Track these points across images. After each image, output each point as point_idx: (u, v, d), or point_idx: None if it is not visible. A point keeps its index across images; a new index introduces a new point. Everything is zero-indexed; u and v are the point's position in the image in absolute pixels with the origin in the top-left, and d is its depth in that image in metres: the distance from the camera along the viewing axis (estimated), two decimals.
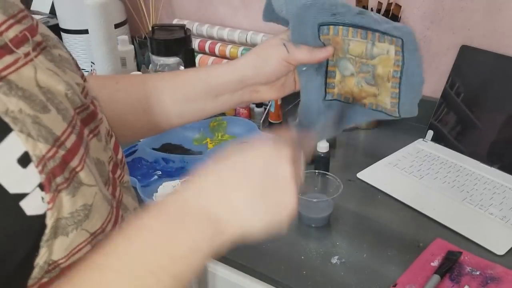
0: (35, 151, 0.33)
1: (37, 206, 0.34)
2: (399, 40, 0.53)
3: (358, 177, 1.01)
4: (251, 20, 1.39)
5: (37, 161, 0.33)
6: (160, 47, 1.17)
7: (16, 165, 0.32)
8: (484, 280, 0.75)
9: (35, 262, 0.35)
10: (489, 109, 1.04)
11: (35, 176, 0.33)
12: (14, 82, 0.34)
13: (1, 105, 0.32)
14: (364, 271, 0.78)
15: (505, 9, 1.04)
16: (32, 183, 0.33)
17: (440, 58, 1.16)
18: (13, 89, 0.33)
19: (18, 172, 0.32)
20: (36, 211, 0.34)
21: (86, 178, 0.38)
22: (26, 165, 0.33)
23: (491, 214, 0.89)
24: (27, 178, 0.33)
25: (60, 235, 0.36)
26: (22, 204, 0.33)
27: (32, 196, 0.33)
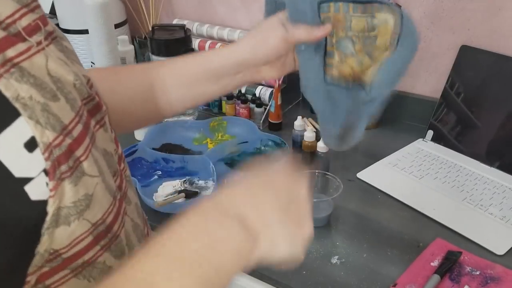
0: (42, 138, 0.34)
1: (41, 191, 0.34)
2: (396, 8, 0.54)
3: (358, 177, 1.01)
4: (251, 20, 1.39)
5: (44, 148, 0.34)
6: (160, 47, 1.17)
7: (22, 150, 0.32)
8: (484, 280, 0.75)
9: (36, 250, 0.35)
10: (489, 109, 1.04)
11: (41, 161, 0.33)
12: (26, 69, 0.34)
13: (13, 90, 0.33)
14: (364, 271, 0.78)
15: (505, 9, 1.04)
16: (38, 168, 0.33)
17: (440, 58, 1.16)
18: (25, 76, 0.34)
19: (24, 157, 0.32)
20: (40, 196, 0.34)
21: (89, 168, 0.38)
22: (32, 150, 0.33)
23: (491, 214, 0.89)
24: (33, 163, 0.33)
25: (62, 224, 0.36)
26: (27, 189, 0.33)
27: (37, 181, 0.33)
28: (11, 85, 0.33)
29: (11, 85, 0.33)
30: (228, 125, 1.19)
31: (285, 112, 1.27)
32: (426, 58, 1.18)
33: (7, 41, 0.34)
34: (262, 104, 1.22)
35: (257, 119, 1.22)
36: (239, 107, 1.23)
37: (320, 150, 1.00)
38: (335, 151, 1.11)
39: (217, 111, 1.29)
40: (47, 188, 0.34)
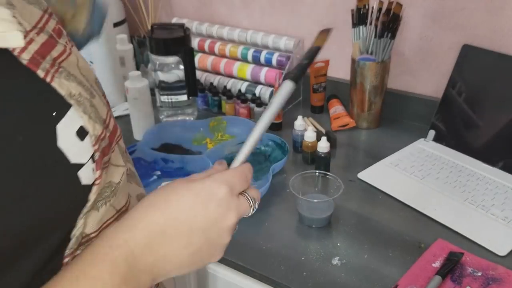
0: (94, 131, 0.37)
1: (89, 176, 0.37)
2: None
3: (359, 177, 1.01)
4: (251, 19, 1.39)
5: (95, 141, 0.37)
6: (159, 46, 1.16)
7: (75, 138, 0.36)
8: (485, 281, 0.74)
9: (72, 234, 0.38)
10: (491, 109, 1.03)
11: (89, 149, 0.37)
12: (67, 69, 0.37)
13: (65, 88, 0.36)
14: (365, 272, 0.77)
15: (507, 8, 1.03)
16: (87, 154, 0.36)
17: (441, 57, 1.15)
18: (70, 75, 0.37)
19: (77, 144, 0.36)
20: (87, 181, 0.37)
21: (115, 158, 0.42)
22: (83, 138, 0.36)
23: (493, 214, 0.88)
24: (84, 150, 0.36)
25: (92, 209, 0.39)
26: (80, 174, 0.36)
27: (86, 167, 0.36)
28: (63, 84, 0.36)
29: (63, 84, 0.36)
30: (228, 125, 1.18)
31: (285, 112, 1.27)
32: (427, 57, 1.17)
33: (50, 43, 0.37)
34: (262, 103, 1.21)
35: (257, 119, 1.21)
36: (239, 107, 1.22)
37: (321, 150, 0.99)
38: (336, 151, 1.11)
39: (216, 110, 1.29)
40: (93, 174, 0.37)
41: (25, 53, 0.34)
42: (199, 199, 0.41)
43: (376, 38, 1.11)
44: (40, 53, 0.35)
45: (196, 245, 0.41)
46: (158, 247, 0.40)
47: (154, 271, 0.40)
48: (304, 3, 1.28)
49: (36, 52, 0.35)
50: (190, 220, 0.41)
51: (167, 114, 1.24)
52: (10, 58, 0.33)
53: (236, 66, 1.30)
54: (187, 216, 0.41)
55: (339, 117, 1.21)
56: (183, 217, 0.41)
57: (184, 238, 0.41)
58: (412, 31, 1.16)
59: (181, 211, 0.41)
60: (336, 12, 1.24)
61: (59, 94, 0.35)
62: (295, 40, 1.27)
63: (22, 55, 0.34)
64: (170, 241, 0.40)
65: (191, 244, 0.41)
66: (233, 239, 0.45)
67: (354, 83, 1.17)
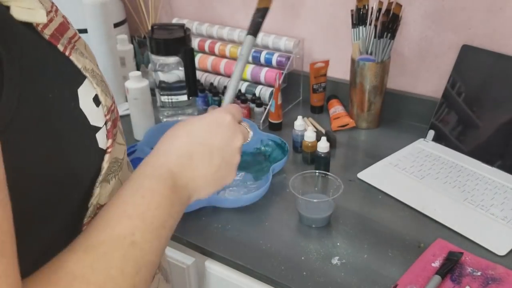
0: (106, 102, 0.42)
1: (103, 141, 0.41)
2: None
3: (358, 177, 1.01)
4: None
5: (107, 111, 0.42)
6: (159, 47, 1.16)
7: (92, 103, 0.40)
8: (485, 280, 0.75)
9: (90, 202, 0.42)
10: (490, 109, 1.03)
11: (103, 116, 0.41)
12: (79, 49, 0.42)
13: (82, 62, 0.40)
14: (364, 271, 0.77)
15: (506, 8, 1.04)
16: (102, 120, 0.41)
17: (441, 57, 1.16)
18: (83, 54, 0.41)
19: (94, 109, 0.40)
20: (102, 145, 0.41)
21: (118, 137, 0.46)
22: (98, 105, 0.40)
23: (492, 214, 0.88)
24: (99, 115, 0.40)
25: (104, 181, 0.43)
26: (97, 136, 0.40)
27: (102, 131, 0.41)
28: (79, 58, 0.40)
29: (79, 58, 0.40)
30: None
31: (285, 112, 1.27)
32: (427, 57, 1.18)
33: (64, 25, 0.42)
34: (262, 103, 1.21)
35: (257, 119, 1.22)
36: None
37: (321, 150, 0.99)
38: (336, 151, 1.11)
39: None
40: (106, 140, 0.42)
41: (47, 29, 0.39)
42: (213, 125, 0.51)
43: (375, 38, 1.11)
44: (59, 31, 0.40)
45: (216, 163, 0.50)
46: (189, 167, 0.48)
47: (189, 187, 0.47)
48: (304, 3, 1.29)
49: (56, 29, 0.40)
50: (209, 143, 0.50)
51: (168, 114, 1.24)
52: (36, 32, 0.37)
53: None
54: (206, 139, 0.50)
55: (339, 117, 1.21)
56: (203, 140, 0.49)
57: (207, 158, 0.49)
58: (412, 32, 1.17)
59: (200, 136, 0.50)
60: (335, 13, 1.25)
61: (76, 66, 0.40)
62: (295, 41, 1.28)
63: (45, 30, 0.38)
64: (197, 161, 0.48)
65: (213, 162, 0.50)
66: (233, 238, 0.46)
67: (354, 83, 1.17)
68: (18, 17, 0.35)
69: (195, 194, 0.49)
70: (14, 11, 0.35)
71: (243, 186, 0.99)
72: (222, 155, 0.50)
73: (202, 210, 0.92)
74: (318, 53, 1.33)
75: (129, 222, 0.40)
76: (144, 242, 0.40)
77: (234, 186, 0.99)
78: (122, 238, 0.39)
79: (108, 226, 0.39)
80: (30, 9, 0.36)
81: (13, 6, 0.35)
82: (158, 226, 0.42)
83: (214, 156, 0.50)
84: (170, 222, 0.44)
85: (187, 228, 0.88)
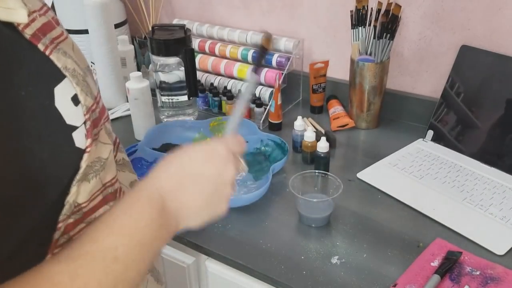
0: (85, 102, 0.42)
1: (81, 141, 0.41)
2: None
3: (358, 177, 1.01)
4: (251, 20, 1.40)
5: (86, 111, 0.42)
6: (160, 47, 1.16)
7: (70, 102, 0.40)
8: (484, 280, 0.75)
9: (66, 200, 0.42)
10: (489, 109, 1.04)
11: (82, 115, 0.41)
12: (63, 49, 0.42)
13: (62, 62, 0.41)
14: (364, 271, 0.78)
15: (505, 8, 1.04)
16: (80, 120, 0.41)
17: (440, 58, 1.16)
18: (66, 54, 0.42)
19: (71, 108, 0.40)
20: (80, 145, 0.41)
21: (102, 136, 0.46)
22: (77, 104, 0.41)
23: (491, 214, 0.89)
24: (77, 115, 0.41)
25: (84, 180, 0.43)
26: (74, 135, 0.40)
27: (79, 130, 0.41)
28: (60, 58, 0.41)
29: (60, 58, 0.41)
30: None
31: (285, 112, 1.27)
32: (426, 58, 1.18)
33: (50, 24, 0.42)
34: (262, 104, 1.22)
35: (257, 119, 1.22)
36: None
37: (320, 150, 0.99)
38: (335, 151, 1.11)
39: (217, 111, 1.29)
40: (85, 139, 0.42)
41: (28, 29, 0.39)
42: (206, 155, 0.51)
43: (375, 39, 1.11)
44: (41, 30, 0.41)
45: (206, 194, 0.50)
46: (179, 194, 0.48)
47: (178, 214, 0.48)
48: (303, 4, 1.29)
49: (38, 29, 0.40)
50: (201, 172, 0.50)
51: (168, 114, 1.25)
52: (16, 32, 0.38)
53: (236, 66, 1.31)
54: (198, 168, 0.50)
55: (338, 117, 1.22)
56: (195, 169, 0.50)
57: (197, 187, 0.49)
58: (411, 32, 1.17)
59: (193, 165, 0.50)
60: (335, 13, 1.25)
61: (56, 66, 0.40)
62: (295, 41, 1.28)
63: (26, 30, 0.39)
64: (187, 190, 0.48)
65: (203, 192, 0.50)
66: (233, 237, 0.47)
67: (353, 83, 1.17)
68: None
69: (183, 222, 0.49)
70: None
71: (243, 186, 0.99)
72: (214, 186, 0.50)
73: None
74: (317, 54, 1.33)
75: (115, 238, 0.41)
76: (127, 259, 0.41)
77: None
78: (105, 252, 0.40)
79: (94, 240, 0.40)
80: (10, 9, 0.37)
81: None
82: (143, 245, 0.42)
83: (205, 186, 0.50)
84: (155, 244, 0.44)
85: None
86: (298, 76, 1.34)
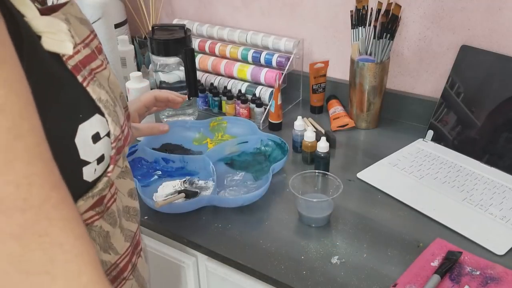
0: (114, 131, 0.44)
1: (90, 174, 0.42)
2: None
3: (358, 177, 1.01)
4: (251, 20, 1.40)
5: (114, 139, 0.44)
6: (160, 47, 1.16)
7: (90, 140, 0.42)
8: (484, 280, 0.75)
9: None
10: (489, 109, 1.04)
11: (97, 152, 0.42)
12: (99, 80, 0.44)
13: (97, 94, 0.43)
14: (364, 271, 0.78)
15: (505, 9, 1.04)
16: (94, 156, 0.42)
17: (440, 58, 1.16)
18: (101, 85, 0.44)
19: (89, 145, 0.42)
20: (87, 178, 0.42)
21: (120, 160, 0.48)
22: (95, 142, 0.42)
23: (491, 214, 0.89)
24: (93, 152, 0.42)
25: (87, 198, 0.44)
26: (84, 169, 0.42)
27: (90, 166, 0.42)
28: (96, 90, 0.43)
29: (95, 90, 0.43)
30: (228, 125, 1.19)
31: (285, 112, 1.27)
32: (426, 58, 1.18)
33: (91, 56, 0.45)
34: (262, 104, 1.22)
35: (257, 119, 1.22)
36: (239, 107, 1.23)
37: (320, 150, 1.00)
38: (335, 151, 1.11)
39: (217, 111, 1.29)
40: (94, 174, 0.43)
41: (71, 60, 0.42)
42: None
43: (375, 39, 1.11)
44: (82, 62, 0.43)
45: None
46: None
47: None
48: (303, 4, 1.29)
49: (79, 61, 0.43)
50: None
51: (168, 114, 1.25)
52: (60, 62, 0.41)
53: (236, 67, 1.31)
54: None
55: (338, 117, 1.22)
56: None
57: None
58: (411, 32, 1.17)
59: None
60: (335, 13, 1.25)
61: (91, 97, 0.43)
62: (295, 41, 1.28)
63: (69, 61, 0.42)
64: None
65: None
66: (233, 237, 0.46)
67: (353, 83, 1.17)
68: (47, 47, 0.39)
69: None
70: (44, 41, 0.39)
71: (243, 186, 1.00)
72: None
73: (202, 210, 0.92)
74: (317, 54, 1.33)
75: None
76: None
77: (234, 186, 0.99)
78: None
79: None
80: (60, 41, 0.41)
81: (44, 37, 0.39)
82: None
83: None
84: None
85: (188, 227, 0.89)
86: (298, 76, 1.34)
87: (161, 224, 0.90)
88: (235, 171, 1.04)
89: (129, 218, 0.55)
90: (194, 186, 0.99)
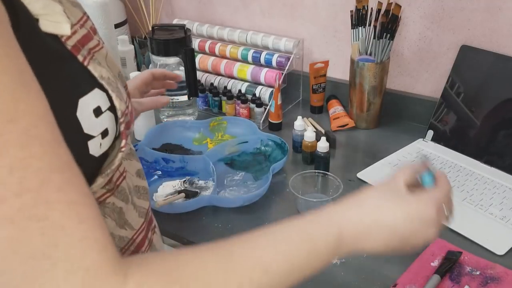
0: (120, 106, 0.44)
1: (96, 149, 0.42)
2: None
3: (358, 177, 1.01)
4: (251, 20, 1.40)
5: (121, 115, 0.45)
6: (160, 47, 1.16)
7: (91, 114, 0.42)
8: (484, 280, 0.75)
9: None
10: (489, 109, 1.04)
11: (101, 125, 0.42)
12: (97, 59, 0.45)
13: (98, 71, 0.43)
14: (364, 271, 0.78)
15: (505, 8, 1.04)
16: (98, 130, 0.42)
17: (440, 58, 1.16)
18: (100, 63, 0.44)
19: (91, 119, 0.41)
20: (94, 152, 0.42)
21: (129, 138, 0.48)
22: (97, 116, 0.42)
23: (491, 214, 0.89)
24: (96, 126, 0.42)
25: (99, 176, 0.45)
26: (89, 143, 0.42)
27: (95, 140, 0.42)
28: (97, 68, 0.43)
29: (97, 68, 0.43)
30: (228, 125, 1.19)
31: (285, 112, 1.27)
32: (426, 58, 1.18)
33: (88, 36, 0.45)
34: (262, 104, 1.22)
35: (257, 119, 1.22)
36: (239, 107, 1.23)
37: (320, 150, 0.99)
38: (335, 151, 1.11)
39: (217, 111, 1.29)
40: (100, 148, 0.43)
41: (70, 41, 0.42)
42: (409, 213, 0.50)
43: (375, 39, 1.11)
44: (80, 42, 0.43)
45: (391, 247, 0.51)
46: (361, 242, 0.49)
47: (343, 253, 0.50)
48: (303, 4, 1.29)
49: (78, 41, 0.43)
50: (394, 227, 0.50)
51: (168, 114, 1.25)
52: (59, 43, 0.41)
53: (236, 67, 1.31)
54: (393, 223, 0.50)
55: (338, 117, 1.22)
56: (389, 223, 0.50)
57: (383, 240, 0.50)
58: (411, 32, 1.17)
59: (389, 218, 0.50)
60: (335, 13, 1.25)
61: (93, 75, 0.43)
62: (295, 41, 1.28)
63: (68, 42, 0.42)
64: (371, 239, 0.50)
65: (387, 245, 0.50)
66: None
67: (353, 83, 1.17)
68: (45, 29, 0.39)
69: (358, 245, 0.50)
70: (42, 23, 0.39)
71: (243, 186, 1.00)
72: (402, 242, 0.51)
73: (202, 210, 0.92)
74: (317, 54, 1.33)
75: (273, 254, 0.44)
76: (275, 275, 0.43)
77: (234, 186, 0.99)
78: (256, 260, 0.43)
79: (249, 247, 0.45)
80: (57, 23, 0.41)
81: (41, 19, 0.39)
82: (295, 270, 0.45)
83: (392, 241, 0.50)
84: (306, 273, 0.47)
85: (188, 227, 0.89)
86: (298, 76, 1.34)
87: (161, 224, 0.90)
88: (235, 171, 1.04)
89: (140, 196, 0.55)
90: (194, 186, 0.99)
